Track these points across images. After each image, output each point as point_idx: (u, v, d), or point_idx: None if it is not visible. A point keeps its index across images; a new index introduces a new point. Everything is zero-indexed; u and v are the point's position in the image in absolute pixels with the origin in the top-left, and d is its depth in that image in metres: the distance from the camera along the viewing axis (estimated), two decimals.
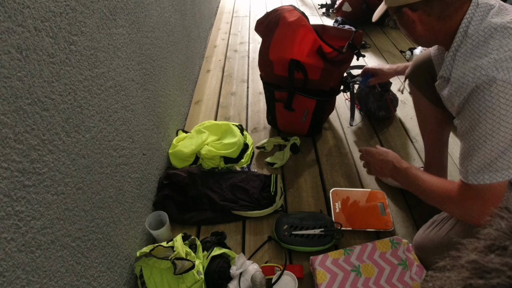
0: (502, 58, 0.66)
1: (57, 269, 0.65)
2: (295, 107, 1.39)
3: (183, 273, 0.89)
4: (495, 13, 0.71)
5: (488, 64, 0.66)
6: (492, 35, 0.69)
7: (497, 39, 0.68)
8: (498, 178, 0.69)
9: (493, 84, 0.65)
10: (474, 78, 0.68)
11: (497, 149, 0.68)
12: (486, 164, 0.70)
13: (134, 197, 1.02)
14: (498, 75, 0.65)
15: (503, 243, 0.29)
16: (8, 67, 0.52)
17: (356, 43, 1.28)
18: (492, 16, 0.71)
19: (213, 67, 2.21)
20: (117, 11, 0.91)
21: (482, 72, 0.67)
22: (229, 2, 3.39)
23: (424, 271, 0.99)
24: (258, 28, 1.34)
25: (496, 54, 0.67)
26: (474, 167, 0.72)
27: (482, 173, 0.71)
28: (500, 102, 0.65)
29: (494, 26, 0.69)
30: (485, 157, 0.69)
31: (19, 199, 0.55)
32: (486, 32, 0.70)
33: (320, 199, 1.29)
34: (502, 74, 0.65)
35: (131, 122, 1.00)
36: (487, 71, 0.66)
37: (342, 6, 2.66)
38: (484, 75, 0.66)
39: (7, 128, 0.53)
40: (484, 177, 0.71)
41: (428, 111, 1.13)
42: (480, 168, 0.71)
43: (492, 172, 0.70)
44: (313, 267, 1.01)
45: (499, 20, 0.69)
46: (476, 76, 0.67)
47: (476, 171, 0.71)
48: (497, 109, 0.66)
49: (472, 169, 0.72)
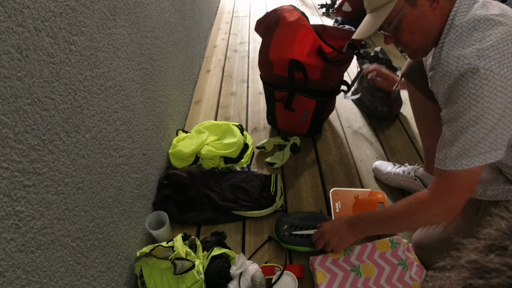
0: (484, 48, 0.68)
1: (57, 269, 0.65)
2: (295, 107, 1.39)
3: (183, 273, 0.89)
4: (479, 6, 0.74)
5: (471, 54, 0.68)
6: (476, 26, 0.71)
7: (480, 31, 0.70)
8: (476, 163, 0.71)
9: (476, 72, 0.67)
10: (458, 67, 0.69)
11: (478, 135, 0.69)
12: (465, 149, 0.71)
13: (134, 197, 1.02)
14: (481, 63, 0.67)
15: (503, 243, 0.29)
16: (8, 67, 0.52)
17: (356, 43, 1.28)
18: (477, 8, 0.73)
19: (213, 67, 2.21)
20: (117, 11, 0.91)
21: (465, 61, 0.69)
22: (229, 2, 3.39)
23: (424, 271, 0.99)
24: (258, 28, 1.34)
25: (479, 45, 0.68)
26: (453, 153, 0.73)
27: (461, 159, 0.72)
28: (484, 90, 0.67)
29: (478, 18, 0.71)
30: (465, 143, 0.71)
31: (19, 199, 0.55)
32: (470, 24, 0.72)
33: (320, 199, 1.29)
34: (484, 62, 0.66)
35: (131, 122, 1.00)
36: (470, 60, 0.68)
37: (342, 6, 2.66)
38: (467, 63, 0.68)
39: (7, 128, 0.53)
40: (462, 162, 0.72)
41: (425, 106, 1.13)
42: (459, 154, 0.72)
43: (470, 157, 0.71)
44: (313, 267, 1.01)
45: (483, 13, 0.72)
46: (460, 65, 0.69)
47: (455, 157, 0.73)
48: (481, 97, 0.67)
49: (451, 155, 0.73)
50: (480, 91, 0.67)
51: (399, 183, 1.29)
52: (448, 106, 0.74)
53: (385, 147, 1.52)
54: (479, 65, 0.67)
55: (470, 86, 0.68)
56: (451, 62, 0.71)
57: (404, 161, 1.41)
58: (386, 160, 1.43)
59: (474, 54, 0.68)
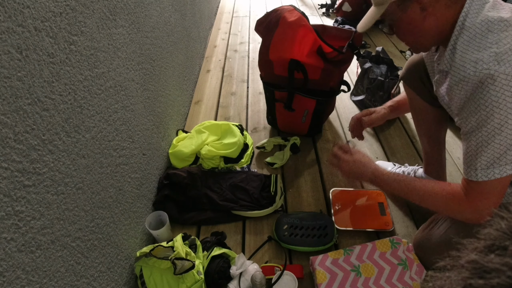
0: (502, 52, 0.66)
1: (57, 269, 0.65)
2: (295, 107, 1.39)
3: (183, 273, 0.89)
4: (490, 6, 0.72)
5: (489, 58, 0.67)
6: (490, 28, 0.70)
7: (495, 33, 0.69)
8: (508, 171, 0.70)
9: (497, 78, 0.65)
10: (476, 72, 0.68)
11: (506, 142, 0.68)
12: (495, 158, 0.70)
13: (134, 197, 1.02)
14: (500, 68, 0.65)
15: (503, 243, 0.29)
16: (8, 67, 0.52)
17: (356, 43, 1.28)
18: (488, 9, 0.72)
19: (213, 67, 2.21)
20: (117, 11, 0.91)
21: (484, 66, 0.67)
22: (229, 2, 3.39)
23: (424, 271, 0.99)
24: (258, 28, 1.34)
25: (496, 48, 0.67)
26: (483, 164, 0.71)
27: (492, 168, 0.71)
28: (506, 96, 0.65)
29: (491, 19, 0.70)
30: (494, 152, 0.69)
31: (19, 199, 0.55)
32: (483, 25, 0.70)
33: (320, 199, 1.29)
34: (504, 67, 0.65)
35: (131, 122, 1.00)
36: (489, 65, 0.66)
37: (342, 6, 2.66)
38: (486, 68, 0.66)
39: (7, 128, 0.53)
40: (494, 172, 0.71)
41: (424, 111, 1.12)
42: (490, 163, 0.71)
43: (502, 166, 0.70)
44: (313, 267, 1.01)
45: (496, 14, 0.70)
46: (478, 70, 0.68)
47: (486, 167, 0.71)
48: (504, 103, 0.66)
49: (481, 166, 0.72)
50: (502, 97, 0.65)
51: None
52: (469, 116, 0.72)
53: (385, 147, 1.52)
54: (498, 70, 0.65)
55: (492, 94, 0.66)
56: (468, 67, 0.70)
57: (404, 161, 1.41)
58: (386, 160, 1.43)
59: (492, 58, 0.67)
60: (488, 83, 0.66)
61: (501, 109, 0.66)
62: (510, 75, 0.65)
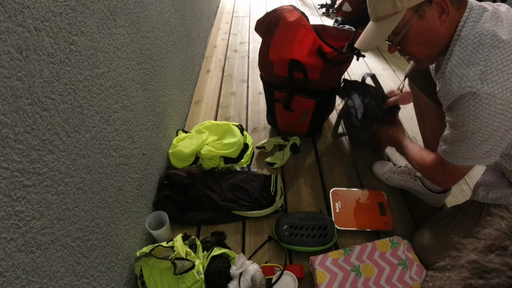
0: (488, 71, 0.68)
1: (57, 269, 0.65)
2: (295, 108, 1.39)
3: (183, 273, 0.89)
4: (489, 17, 0.72)
5: (474, 76, 0.69)
6: (482, 41, 0.70)
7: (486, 48, 0.69)
8: (469, 163, 0.80)
9: (477, 97, 0.68)
10: (460, 88, 0.71)
11: (474, 144, 0.75)
12: (462, 153, 0.79)
13: (134, 197, 1.02)
14: (483, 88, 0.68)
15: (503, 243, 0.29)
16: (8, 67, 0.52)
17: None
18: (485, 20, 0.72)
19: (213, 67, 2.21)
20: (117, 11, 0.91)
21: (467, 83, 0.69)
22: (229, 2, 3.39)
23: (424, 271, 0.99)
24: (258, 28, 1.34)
25: (483, 66, 0.68)
26: (452, 152, 0.81)
27: (457, 158, 0.81)
28: (483, 113, 0.69)
29: (484, 32, 0.70)
30: (461, 149, 0.78)
31: (19, 199, 0.55)
32: (476, 37, 0.71)
33: (320, 199, 1.29)
34: (487, 87, 0.67)
35: (131, 122, 1.00)
36: (473, 83, 0.69)
37: (342, 6, 2.66)
38: (470, 86, 0.69)
39: (7, 128, 0.53)
40: (457, 160, 0.81)
41: (428, 108, 1.13)
42: (457, 155, 0.80)
43: (465, 159, 0.80)
44: (313, 267, 1.01)
45: (492, 28, 0.70)
46: (462, 87, 0.70)
47: (453, 155, 0.81)
48: (480, 118, 0.70)
49: (450, 152, 0.82)
50: (480, 113, 0.70)
51: (399, 183, 1.29)
52: (450, 116, 0.79)
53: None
54: (481, 90, 0.68)
55: (470, 108, 0.70)
56: (454, 81, 0.72)
57: (404, 161, 1.41)
58: (386, 160, 1.43)
59: (477, 77, 0.68)
60: (469, 98, 0.70)
61: (477, 122, 0.71)
62: (492, 95, 0.67)
